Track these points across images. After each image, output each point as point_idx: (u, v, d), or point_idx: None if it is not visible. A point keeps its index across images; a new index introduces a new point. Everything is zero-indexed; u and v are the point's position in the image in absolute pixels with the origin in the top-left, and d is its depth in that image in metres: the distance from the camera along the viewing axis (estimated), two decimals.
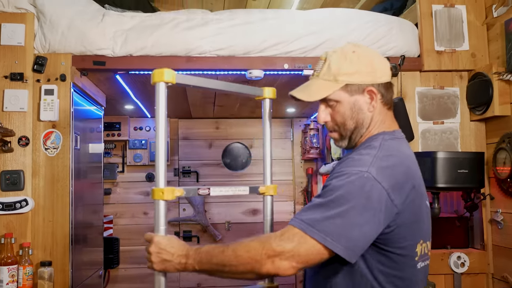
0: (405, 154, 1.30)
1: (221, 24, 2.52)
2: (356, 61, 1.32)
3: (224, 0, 4.38)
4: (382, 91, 1.34)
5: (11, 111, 2.34)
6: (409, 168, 1.27)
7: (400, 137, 1.36)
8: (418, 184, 1.28)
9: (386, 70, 1.35)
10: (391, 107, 1.39)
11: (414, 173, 1.29)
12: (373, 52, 1.37)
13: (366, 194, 1.16)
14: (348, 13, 2.73)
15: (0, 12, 2.37)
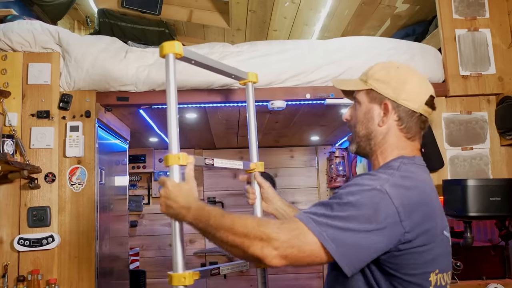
0: (423, 180, 1.25)
1: (242, 56, 2.53)
2: (391, 74, 1.31)
3: (245, 31, 4.43)
4: (402, 115, 1.29)
5: (38, 148, 2.37)
6: (425, 194, 1.21)
7: (420, 164, 1.31)
8: (434, 213, 1.22)
9: (416, 97, 1.28)
10: (415, 138, 1.33)
11: (431, 201, 1.22)
12: (416, 77, 1.31)
13: (375, 206, 1.12)
14: (369, 40, 2.72)
15: (28, 53, 2.44)
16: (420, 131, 1.32)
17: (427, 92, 1.30)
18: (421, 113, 1.29)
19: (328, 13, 3.72)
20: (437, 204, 1.25)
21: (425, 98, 1.29)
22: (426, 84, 1.32)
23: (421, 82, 1.31)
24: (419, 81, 1.31)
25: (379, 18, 3.58)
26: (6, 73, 2.39)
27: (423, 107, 1.29)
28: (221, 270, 1.68)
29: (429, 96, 1.30)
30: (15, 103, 2.38)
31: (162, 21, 4.51)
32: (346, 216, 1.12)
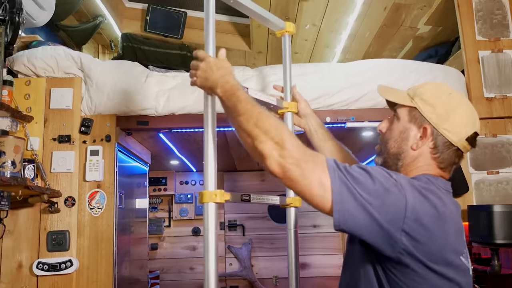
0: (442, 199, 1.17)
1: (262, 80, 2.52)
2: (441, 99, 1.25)
3: (266, 53, 4.45)
4: (439, 144, 1.23)
5: (59, 172, 2.39)
6: (439, 216, 1.13)
7: (444, 188, 1.24)
8: (443, 242, 1.13)
9: (459, 131, 1.22)
10: (446, 170, 1.27)
11: (445, 227, 1.14)
12: (466, 109, 1.25)
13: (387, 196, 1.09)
14: (390, 63, 2.68)
15: (51, 78, 2.48)
16: (453, 164, 1.27)
17: (472, 128, 1.24)
18: (459, 147, 1.24)
19: (349, 35, 3.71)
20: (453, 229, 1.17)
21: (467, 134, 1.23)
22: (474, 119, 1.25)
23: (469, 115, 1.25)
24: (468, 114, 1.25)
25: (401, 39, 3.55)
26: (29, 98, 2.43)
27: (463, 142, 1.23)
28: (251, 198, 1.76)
29: (473, 132, 1.24)
30: (37, 128, 2.41)
31: (184, 45, 4.56)
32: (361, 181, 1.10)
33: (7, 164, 2.00)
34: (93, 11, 4.00)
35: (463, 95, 1.29)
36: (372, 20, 3.38)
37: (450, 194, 1.26)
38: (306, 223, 4.50)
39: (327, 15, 3.51)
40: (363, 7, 3.26)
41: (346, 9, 3.37)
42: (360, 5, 3.25)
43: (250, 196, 1.76)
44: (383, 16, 3.28)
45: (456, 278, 1.15)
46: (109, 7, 4.11)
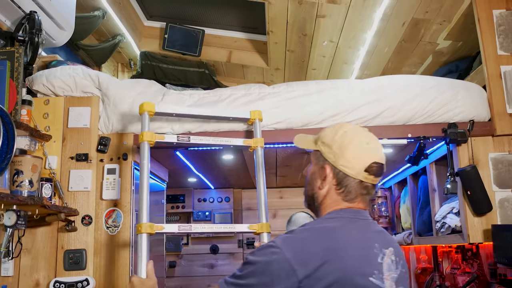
0: (337, 231, 1.25)
1: (278, 98, 2.51)
2: (335, 138, 1.33)
3: (284, 70, 4.44)
4: (340, 179, 1.32)
5: (76, 191, 2.40)
6: (329, 246, 1.20)
7: (350, 216, 1.30)
8: (346, 261, 1.19)
9: (355, 164, 1.30)
10: (356, 201, 1.32)
11: (340, 254, 1.19)
12: (358, 142, 1.32)
13: (267, 262, 1.19)
14: (409, 79, 2.64)
15: (69, 97, 2.50)
16: (363, 195, 1.33)
17: (369, 159, 1.30)
18: (361, 179, 1.30)
19: (367, 51, 3.68)
20: (355, 253, 1.22)
21: (365, 165, 1.29)
22: (371, 151, 1.32)
23: (363, 149, 1.31)
24: (362, 147, 1.31)
25: (420, 55, 3.51)
26: (48, 117, 2.45)
27: (363, 174, 1.30)
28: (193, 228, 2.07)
29: (371, 163, 1.30)
30: (55, 146, 2.43)
31: (202, 62, 4.59)
32: (245, 274, 1.21)
33: (25, 183, 2.01)
34: (112, 30, 4.06)
35: (361, 131, 1.35)
36: (391, 35, 3.35)
37: (361, 221, 1.31)
38: None
39: (344, 32, 3.49)
40: (381, 23, 3.23)
41: (364, 25, 3.35)
42: (378, 21, 3.22)
43: (192, 226, 1.98)
44: (401, 31, 3.24)
45: None
46: (128, 26, 4.17)
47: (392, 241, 1.34)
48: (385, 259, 1.25)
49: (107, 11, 3.74)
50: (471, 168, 2.39)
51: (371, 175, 1.30)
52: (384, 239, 1.30)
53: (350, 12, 3.21)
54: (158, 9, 4.34)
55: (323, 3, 3.17)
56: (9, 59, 2.18)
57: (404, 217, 3.72)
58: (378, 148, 1.33)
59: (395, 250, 1.29)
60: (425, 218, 3.14)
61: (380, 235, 1.31)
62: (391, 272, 1.25)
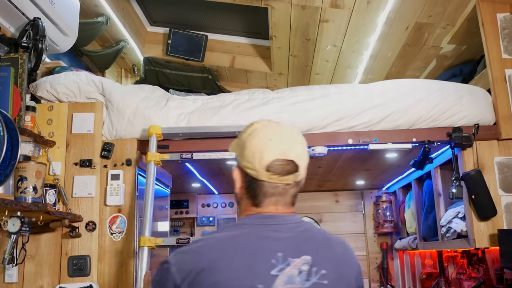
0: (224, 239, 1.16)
1: (282, 103, 2.50)
2: (239, 140, 1.25)
3: (287, 75, 4.43)
4: (247, 181, 1.21)
5: (80, 197, 2.39)
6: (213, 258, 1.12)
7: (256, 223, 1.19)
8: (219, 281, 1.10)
9: (254, 164, 1.18)
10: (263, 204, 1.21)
11: (221, 265, 1.11)
12: (256, 141, 1.19)
13: (160, 278, 1.17)
14: (413, 83, 2.64)
15: (73, 103, 2.50)
16: (269, 196, 1.20)
17: (270, 156, 1.17)
18: (265, 179, 1.18)
19: (371, 56, 3.67)
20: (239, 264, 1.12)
21: (265, 164, 1.17)
22: (271, 147, 1.18)
23: (264, 145, 1.18)
24: (262, 144, 1.19)
25: (424, 59, 3.50)
26: (52, 123, 2.46)
27: (265, 174, 1.17)
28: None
29: (271, 161, 1.17)
30: (59, 152, 2.43)
31: (206, 68, 4.59)
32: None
33: (29, 189, 2.01)
34: (115, 36, 4.06)
35: (268, 126, 1.23)
36: (394, 40, 3.34)
37: (267, 227, 1.18)
38: None
39: (348, 36, 3.48)
40: (385, 27, 3.22)
41: (367, 30, 3.34)
42: (381, 25, 3.21)
43: (190, 238, 2.28)
44: (405, 35, 3.24)
45: None
46: (132, 32, 4.17)
47: (311, 249, 1.17)
48: (286, 270, 1.11)
49: (110, 17, 3.75)
50: (476, 172, 2.38)
51: (276, 174, 1.17)
52: (297, 247, 1.16)
53: (353, 17, 3.21)
54: (162, 14, 4.35)
55: (326, 8, 3.17)
56: (13, 65, 2.19)
57: (409, 222, 3.71)
58: (282, 143, 1.19)
59: (313, 259, 1.14)
60: (430, 223, 3.13)
61: (291, 242, 1.17)
62: (293, 285, 1.11)
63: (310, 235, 1.21)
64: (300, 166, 1.19)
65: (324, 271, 1.14)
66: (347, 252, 1.26)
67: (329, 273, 1.15)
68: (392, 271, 4.30)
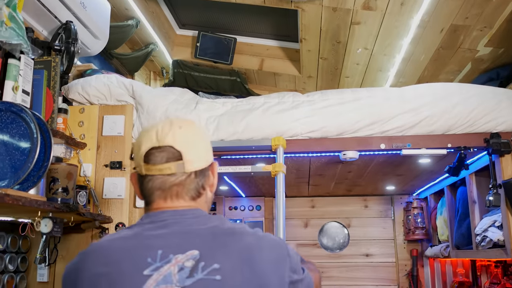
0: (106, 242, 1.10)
1: (313, 106, 2.46)
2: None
3: (316, 78, 4.39)
4: (139, 181, 1.17)
5: (110, 198, 2.40)
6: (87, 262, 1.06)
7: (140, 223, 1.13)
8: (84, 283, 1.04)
9: (137, 159, 1.15)
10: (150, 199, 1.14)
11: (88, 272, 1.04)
12: (139, 136, 1.17)
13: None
14: (448, 87, 2.56)
15: (104, 105, 2.52)
16: (153, 192, 1.13)
17: (146, 146, 1.12)
18: (146, 173, 1.12)
19: (403, 59, 3.60)
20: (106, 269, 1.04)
21: (142, 155, 1.12)
22: (147, 138, 1.13)
23: (138, 141, 1.16)
24: (138, 141, 1.16)
25: (458, 62, 3.41)
26: (83, 125, 2.47)
27: (144, 166, 1.12)
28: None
29: (147, 149, 1.12)
30: (90, 154, 2.44)
31: (234, 70, 4.58)
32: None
33: (60, 190, 2.02)
34: (145, 39, 4.09)
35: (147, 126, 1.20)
36: (428, 42, 3.26)
37: (154, 223, 1.11)
38: (357, 252, 4.34)
39: (380, 39, 3.42)
40: (418, 29, 3.15)
41: (400, 32, 3.27)
42: (415, 28, 3.14)
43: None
44: (439, 38, 3.16)
45: None
46: (161, 35, 4.20)
47: (203, 243, 1.06)
48: (163, 269, 1.01)
49: (140, 20, 3.78)
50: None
51: (154, 164, 1.10)
52: (185, 242, 1.05)
53: (386, 19, 3.14)
54: (191, 17, 4.36)
55: (358, 10, 3.12)
56: (46, 68, 2.21)
57: (441, 229, 3.61)
58: (160, 132, 1.12)
59: (201, 254, 1.03)
60: (464, 231, 3.03)
61: (178, 237, 1.07)
62: (168, 285, 0.99)
63: (209, 228, 1.09)
64: (185, 153, 1.11)
65: (217, 266, 1.02)
66: (264, 246, 1.10)
67: (224, 267, 1.02)
68: (422, 278, 4.20)
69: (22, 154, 1.70)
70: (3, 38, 1.78)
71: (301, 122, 2.43)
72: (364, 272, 4.32)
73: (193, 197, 1.14)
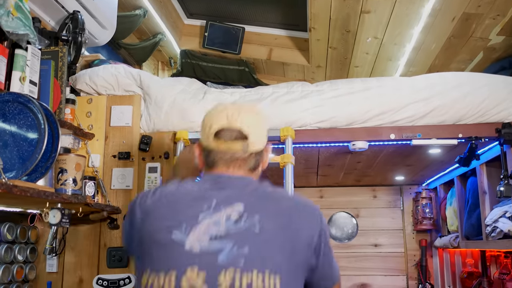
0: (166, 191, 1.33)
1: (322, 96, 2.44)
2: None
3: (325, 67, 4.35)
4: (203, 152, 1.38)
5: (118, 189, 2.40)
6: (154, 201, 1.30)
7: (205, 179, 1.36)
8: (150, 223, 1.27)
9: (205, 134, 1.36)
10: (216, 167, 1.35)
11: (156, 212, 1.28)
12: (205, 117, 1.39)
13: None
14: (459, 76, 2.52)
15: (111, 96, 2.51)
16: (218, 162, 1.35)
17: (217, 126, 1.33)
18: (214, 147, 1.33)
19: (413, 48, 3.55)
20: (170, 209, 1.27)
21: (213, 132, 1.33)
22: (213, 121, 1.34)
23: (207, 120, 1.37)
24: (206, 119, 1.38)
25: (470, 51, 3.35)
26: (90, 116, 2.47)
27: (213, 142, 1.33)
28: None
29: (218, 129, 1.33)
30: (98, 145, 2.44)
31: (242, 60, 4.55)
32: None
33: (69, 181, 2.02)
34: (153, 29, 4.07)
35: (218, 106, 1.39)
36: (439, 31, 3.21)
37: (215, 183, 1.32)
38: (366, 242, 4.33)
39: (390, 28, 3.37)
40: (430, 18, 3.10)
41: (411, 21, 3.22)
42: (426, 16, 3.09)
43: None
44: (451, 27, 3.11)
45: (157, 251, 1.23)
46: (169, 25, 4.17)
47: (248, 200, 1.27)
48: (214, 216, 1.23)
49: (148, 9, 3.75)
50: None
51: (223, 141, 1.32)
52: (234, 199, 1.26)
53: (396, 7, 3.09)
54: (199, 7, 4.33)
55: None
56: (53, 58, 2.20)
57: (451, 220, 3.58)
58: (230, 115, 1.33)
59: (246, 208, 1.24)
60: (474, 222, 3.01)
61: (231, 195, 1.28)
62: (218, 227, 1.21)
63: (255, 191, 1.32)
64: (250, 135, 1.32)
65: (257, 220, 1.22)
66: (301, 209, 1.31)
67: (263, 222, 1.22)
68: (431, 269, 4.18)
69: (29, 145, 1.70)
70: (9, 28, 1.77)
71: (310, 112, 2.41)
72: (373, 262, 4.31)
73: (250, 170, 1.36)
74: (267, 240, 1.21)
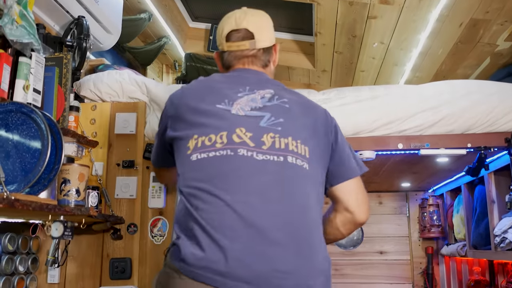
0: (208, 78, 1.55)
1: (329, 104, 2.39)
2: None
3: (331, 72, 4.32)
4: (220, 56, 1.62)
5: (122, 198, 2.37)
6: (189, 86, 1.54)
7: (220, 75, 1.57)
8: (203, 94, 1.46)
9: (218, 39, 1.60)
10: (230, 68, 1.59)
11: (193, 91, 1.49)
12: (223, 21, 1.60)
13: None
14: (468, 84, 2.48)
15: (116, 102, 2.47)
16: (234, 61, 1.57)
17: (227, 29, 1.56)
18: (225, 49, 1.57)
19: (420, 53, 3.51)
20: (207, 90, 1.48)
21: (224, 35, 1.56)
22: (228, 23, 1.56)
23: (222, 24, 1.58)
24: (222, 24, 1.59)
25: (477, 56, 3.31)
26: (94, 123, 2.44)
27: (225, 44, 1.56)
28: None
29: (228, 31, 1.56)
30: (101, 153, 2.41)
31: None
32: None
33: (72, 192, 1.99)
34: (158, 32, 4.05)
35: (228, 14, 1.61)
36: (446, 37, 3.17)
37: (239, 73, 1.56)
38: (371, 249, 4.28)
39: (396, 33, 3.34)
40: (437, 24, 3.06)
41: (418, 26, 3.19)
42: (433, 22, 3.05)
43: None
44: (458, 32, 3.07)
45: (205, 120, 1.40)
46: (174, 28, 4.15)
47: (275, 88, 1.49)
48: (251, 95, 1.44)
49: (153, 13, 3.73)
50: None
51: (233, 42, 1.55)
52: (263, 85, 1.49)
53: (403, 13, 3.06)
54: (204, 10, 4.30)
55: (375, 4, 3.03)
56: (57, 65, 2.17)
57: (458, 228, 3.54)
58: (237, 18, 1.55)
59: (276, 92, 1.47)
60: (482, 231, 2.96)
61: (258, 82, 1.50)
62: (255, 103, 1.42)
63: (278, 84, 1.54)
64: (256, 33, 1.53)
65: (287, 100, 1.46)
66: (317, 105, 1.56)
67: (291, 102, 1.47)
68: (438, 277, 4.13)
69: (32, 157, 1.66)
70: (14, 37, 1.75)
71: None
72: (378, 269, 4.27)
73: (263, 66, 1.58)
74: (296, 118, 1.43)
